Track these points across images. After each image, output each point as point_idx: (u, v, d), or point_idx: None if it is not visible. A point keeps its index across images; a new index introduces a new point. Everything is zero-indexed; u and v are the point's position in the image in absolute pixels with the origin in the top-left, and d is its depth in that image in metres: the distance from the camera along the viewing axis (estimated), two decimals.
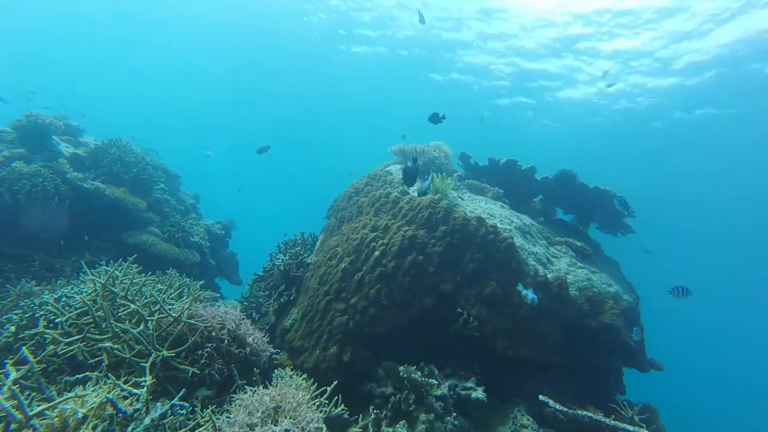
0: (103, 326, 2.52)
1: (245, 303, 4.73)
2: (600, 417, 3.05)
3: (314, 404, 2.46)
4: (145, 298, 2.83)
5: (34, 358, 2.20)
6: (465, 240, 3.79)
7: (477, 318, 3.48)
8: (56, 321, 2.58)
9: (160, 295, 2.98)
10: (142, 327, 2.50)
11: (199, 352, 2.67)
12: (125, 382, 2.06)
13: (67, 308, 2.72)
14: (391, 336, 3.52)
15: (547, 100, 17.10)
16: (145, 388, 1.97)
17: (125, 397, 1.96)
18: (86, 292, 2.93)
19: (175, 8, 18.65)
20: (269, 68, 22.56)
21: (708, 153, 17.12)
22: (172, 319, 2.60)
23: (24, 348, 2.03)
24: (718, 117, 14.55)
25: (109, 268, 2.98)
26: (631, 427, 2.91)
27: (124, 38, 23.32)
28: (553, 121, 18.63)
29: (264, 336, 3.26)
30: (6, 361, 2.11)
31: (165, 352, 2.41)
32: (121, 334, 2.47)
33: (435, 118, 4.61)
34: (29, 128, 5.65)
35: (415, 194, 4.43)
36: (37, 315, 2.88)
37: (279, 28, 17.93)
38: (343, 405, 2.54)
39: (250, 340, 2.98)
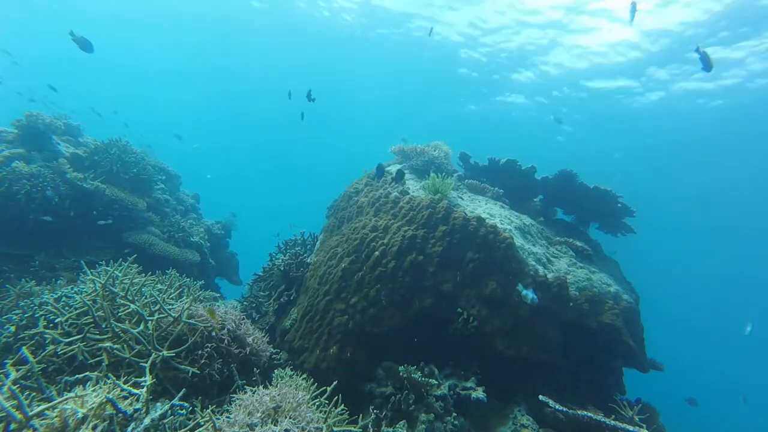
0: (103, 326, 2.52)
1: (245, 303, 4.73)
2: (600, 417, 3.06)
3: (314, 404, 2.46)
4: (145, 298, 2.83)
5: (34, 358, 2.20)
6: (465, 240, 3.79)
7: (477, 318, 3.48)
8: (56, 321, 2.58)
9: (160, 295, 2.98)
10: (142, 327, 2.50)
11: (199, 352, 2.66)
12: (125, 382, 2.06)
13: (67, 308, 2.72)
14: (391, 336, 3.52)
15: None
16: (145, 388, 1.97)
17: (125, 397, 1.96)
18: (86, 292, 2.93)
19: (172, 5, 18.64)
20: (270, 66, 22.59)
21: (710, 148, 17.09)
22: (172, 319, 2.60)
23: (24, 348, 2.03)
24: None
25: (109, 268, 2.97)
26: (631, 427, 2.91)
27: (120, 37, 23.37)
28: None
29: (264, 336, 3.26)
30: (6, 361, 2.11)
31: (165, 352, 2.41)
32: (121, 334, 2.47)
33: (308, 96, 5.22)
34: (29, 128, 5.65)
35: (415, 194, 4.43)
36: (37, 315, 2.88)
37: (281, 25, 17.92)
38: (343, 405, 2.54)
39: (250, 340, 2.98)
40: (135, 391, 1.97)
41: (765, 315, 29.11)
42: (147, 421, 1.87)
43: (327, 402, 2.53)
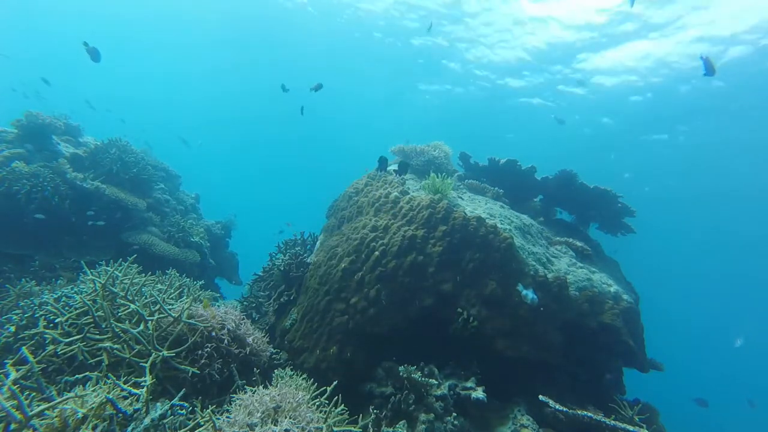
0: (103, 326, 2.52)
1: (245, 303, 4.73)
2: (600, 417, 3.06)
3: (314, 404, 2.46)
4: (145, 298, 2.83)
5: (34, 358, 2.20)
6: (465, 240, 3.79)
7: (477, 318, 3.48)
8: (56, 321, 2.58)
9: (160, 295, 2.98)
10: (142, 327, 2.50)
11: (199, 352, 2.66)
12: (125, 382, 2.06)
13: (67, 308, 2.72)
14: (391, 336, 3.52)
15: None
16: (145, 388, 1.97)
17: (125, 397, 1.96)
18: (86, 292, 2.93)
19: (171, 5, 18.64)
20: (270, 66, 22.59)
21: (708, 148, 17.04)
22: (172, 319, 2.60)
23: (24, 348, 2.03)
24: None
25: (109, 268, 2.97)
26: (631, 427, 2.91)
27: (122, 37, 23.40)
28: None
29: (264, 336, 3.26)
30: (6, 361, 2.11)
31: (165, 352, 2.40)
32: (121, 334, 2.47)
33: (315, 88, 5.24)
34: (29, 128, 5.65)
35: (415, 194, 4.43)
36: (37, 315, 2.88)
37: (280, 24, 17.90)
38: (343, 405, 2.54)
39: (250, 340, 2.98)
40: (135, 391, 1.97)
41: (766, 315, 29.10)
42: (147, 421, 1.87)
43: (327, 402, 2.53)
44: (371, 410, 3.04)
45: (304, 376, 3.04)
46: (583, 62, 14.44)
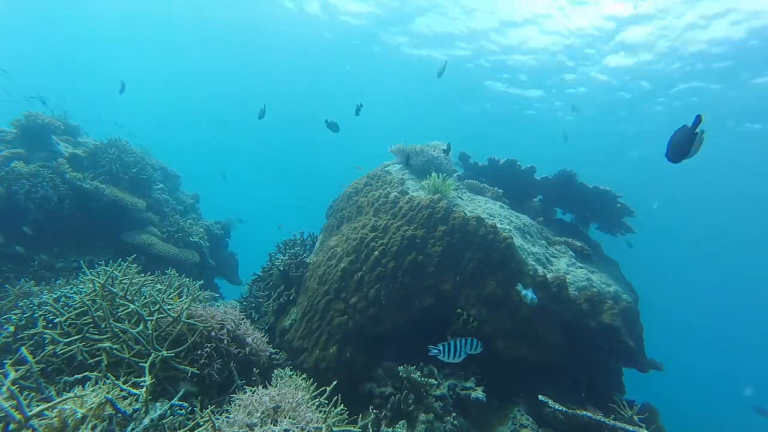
0: (103, 326, 2.52)
1: (245, 303, 4.73)
2: (600, 417, 3.06)
3: (314, 404, 2.46)
4: (145, 298, 2.82)
5: (33, 358, 2.20)
6: (464, 240, 3.79)
7: (477, 318, 3.48)
8: (55, 321, 2.58)
9: (160, 295, 2.98)
10: (141, 327, 2.50)
11: (199, 352, 2.66)
12: (125, 383, 2.05)
13: (66, 308, 2.71)
14: (391, 336, 3.52)
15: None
16: (144, 388, 1.97)
17: (125, 397, 1.96)
18: (85, 292, 2.92)
19: (173, 5, 18.63)
20: (270, 67, 22.61)
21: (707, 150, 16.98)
22: (171, 319, 2.60)
23: (23, 348, 2.03)
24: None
25: (108, 268, 2.97)
26: (630, 427, 2.91)
27: (124, 37, 23.41)
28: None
29: (263, 336, 3.26)
30: (5, 361, 2.11)
31: (164, 352, 2.40)
32: (121, 334, 2.47)
33: (358, 109, 5.10)
34: (29, 128, 5.65)
35: (415, 194, 4.43)
36: (36, 315, 2.87)
37: (280, 27, 17.91)
38: (342, 405, 2.54)
39: (249, 340, 2.98)
40: (134, 391, 1.97)
41: (765, 315, 29.09)
42: (146, 421, 1.87)
43: (326, 402, 2.53)
44: (371, 410, 3.04)
45: (304, 376, 3.04)
46: None
